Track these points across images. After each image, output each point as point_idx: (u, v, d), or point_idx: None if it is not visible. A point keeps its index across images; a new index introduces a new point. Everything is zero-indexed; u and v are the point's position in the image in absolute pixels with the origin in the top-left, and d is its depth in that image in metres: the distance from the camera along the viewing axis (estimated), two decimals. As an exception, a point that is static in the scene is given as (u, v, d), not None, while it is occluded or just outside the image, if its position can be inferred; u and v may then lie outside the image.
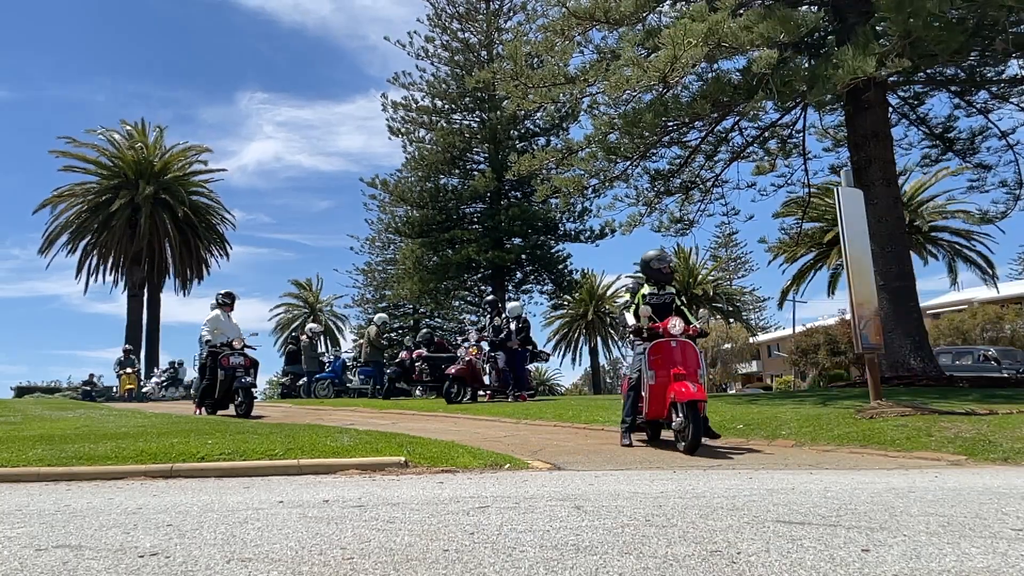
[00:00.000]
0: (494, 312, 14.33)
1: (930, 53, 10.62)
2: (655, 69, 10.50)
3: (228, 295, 11.39)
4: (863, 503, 3.22)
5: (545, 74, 13.20)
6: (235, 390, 10.58)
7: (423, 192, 28.22)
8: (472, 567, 2.09)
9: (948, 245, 27.62)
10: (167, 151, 31.91)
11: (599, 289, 45.74)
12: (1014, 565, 2.05)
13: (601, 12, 12.25)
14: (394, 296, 34.47)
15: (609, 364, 58.60)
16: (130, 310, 31.13)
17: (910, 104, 15.63)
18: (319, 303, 50.83)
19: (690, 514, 2.93)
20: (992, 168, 15.31)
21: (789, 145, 16.18)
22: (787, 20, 10.28)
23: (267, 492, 4.10)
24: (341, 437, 6.45)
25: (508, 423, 9.37)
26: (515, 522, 2.82)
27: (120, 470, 5.17)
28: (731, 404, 10.53)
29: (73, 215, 30.59)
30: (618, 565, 2.08)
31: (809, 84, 10.57)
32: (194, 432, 7.18)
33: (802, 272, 32.01)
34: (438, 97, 28.71)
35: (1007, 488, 3.80)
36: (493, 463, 5.60)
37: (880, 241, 12.22)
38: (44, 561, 2.25)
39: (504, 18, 29.11)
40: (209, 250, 33.12)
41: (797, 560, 2.11)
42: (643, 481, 4.43)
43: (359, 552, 2.31)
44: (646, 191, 15.34)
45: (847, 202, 8.30)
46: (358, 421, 9.48)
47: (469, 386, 13.20)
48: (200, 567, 2.15)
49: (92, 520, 3.10)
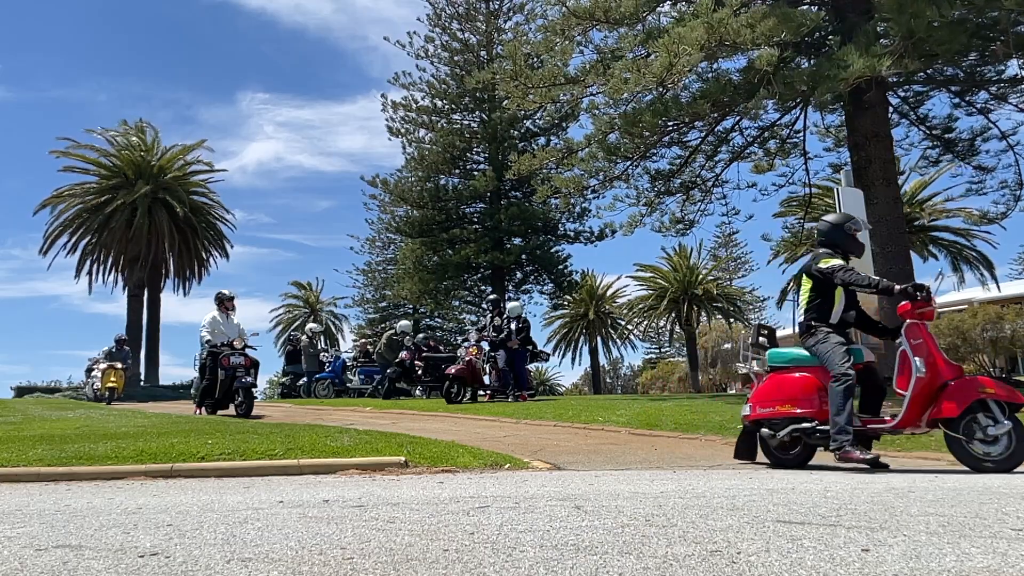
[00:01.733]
0: (495, 312, 14.32)
1: (931, 53, 10.63)
2: (652, 74, 10.53)
3: (225, 295, 11.36)
4: (863, 503, 3.22)
5: (545, 74, 13.22)
6: (235, 390, 10.58)
7: (423, 192, 28.24)
8: (472, 567, 2.09)
9: (948, 245, 27.60)
10: (167, 151, 31.91)
11: (599, 289, 45.74)
12: (1014, 565, 2.05)
13: (601, 12, 12.26)
14: (394, 296, 34.48)
15: (609, 364, 58.65)
16: (130, 310, 31.12)
17: (910, 104, 15.64)
18: (319, 303, 50.84)
19: (690, 514, 2.93)
20: (992, 170, 15.33)
21: (789, 145, 16.19)
22: (789, 19, 10.30)
23: (267, 492, 4.11)
24: (341, 437, 6.45)
25: (508, 423, 9.37)
26: (515, 522, 2.82)
27: (120, 470, 5.17)
28: (731, 404, 10.54)
29: (73, 215, 30.58)
30: (618, 565, 2.08)
31: (811, 84, 10.58)
32: (194, 432, 7.18)
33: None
34: (438, 97, 28.73)
35: (1007, 488, 3.81)
36: (493, 463, 5.60)
37: (880, 241, 12.22)
38: (44, 561, 2.25)
39: (504, 18, 29.13)
40: (209, 250, 33.11)
41: (797, 560, 2.11)
42: (643, 481, 4.43)
43: (359, 552, 2.31)
44: (646, 191, 15.36)
45: (847, 202, 8.31)
46: (358, 421, 9.48)
47: (469, 386, 13.21)
48: (200, 567, 2.15)
49: (92, 520, 3.10)
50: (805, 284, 5.59)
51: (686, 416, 8.81)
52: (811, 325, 5.41)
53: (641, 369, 61.50)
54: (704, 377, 50.14)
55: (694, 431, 7.91)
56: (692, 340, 41.79)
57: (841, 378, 5.06)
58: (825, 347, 5.25)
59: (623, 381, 65.72)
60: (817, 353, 5.32)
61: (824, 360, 5.25)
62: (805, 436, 5.30)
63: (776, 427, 5.41)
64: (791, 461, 5.48)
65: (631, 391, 57.00)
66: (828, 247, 5.58)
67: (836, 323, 5.40)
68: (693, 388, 39.78)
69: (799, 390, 5.32)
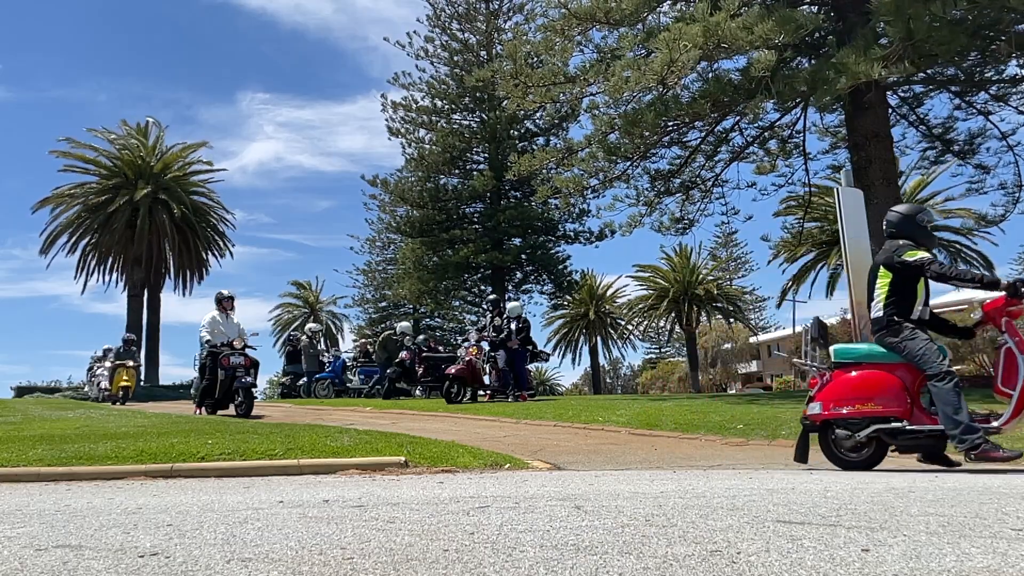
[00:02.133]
0: (495, 312, 14.33)
1: (931, 54, 10.63)
2: (653, 71, 10.53)
3: (225, 295, 11.35)
4: (863, 503, 3.22)
5: (545, 74, 13.22)
6: (235, 390, 10.58)
7: (423, 192, 28.25)
8: (472, 567, 2.09)
9: (948, 244, 27.61)
10: (167, 151, 31.92)
11: (599, 289, 45.76)
12: (1014, 565, 2.05)
13: (601, 12, 12.27)
14: (394, 296, 34.49)
15: (609, 364, 58.66)
16: (130, 310, 31.12)
17: (910, 105, 15.64)
18: (319, 303, 50.85)
19: (690, 514, 2.93)
20: (991, 170, 15.32)
21: (789, 145, 16.19)
22: (787, 21, 10.29)
23: (267, 492, 4.11)
24: (341, 437, 6.45)
25: (508, 423, 9.37)
26: (515, 522, 2.82)
27: (120, 470, 5.17)
28: (731, 404, 10.55)
29: (73, 215, 30.60)
30: (618, 565, 2.08)
31: (810, 86, 10.58)
32: (194, 432, 7.18)
33: (802, 272, 32.03)
34: (438, 97, 28.74)
35: (1007, 488, 3.81)
36: (493, 463, 5.60)
37: (880, 241, 12.20)
38: (44, 561, 2.25)
39: (504, 18, 29.15)
40: (209, 250, 33.12)
41: (797, 560, 2.11)
42: (643, 481, 4.43)
43: (359, 552, 2.31)
44: (646, 191, 15.36)
45: (847, 202, 8.30)
46: (358, 421, 9.48)
47: (469, 386, 13.21)
48: (200, 567, 2.15)
49: (92, 520, 3.10)
50: (883, 277, 5.25)
51: (686, 416, 8.82)
52: (894, 320, 5.09)
53: (641, 369, 61.55)
54: (704, 377, 50.16)
55: (694, 431, 7.91)
56: (692, 340, 41.82)
57: (945, 376, 4.78)
58: (915, 344, 4.97)
59: (623, 381, 65.75)
60: (905, 350, 5.01)
61: (915, 358, 4.95)
62: (889, 437, 5.01)
63: (855, 427, 5.08)
64: (861, 463, 5.16)
65: (631, 391, 57.01)
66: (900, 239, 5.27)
67: (916, 319, 5.11)
68: (693, 388, 39.79)
69: (884, 389, 5.01)
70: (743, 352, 55.58)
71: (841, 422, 5.15)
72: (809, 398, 5.37)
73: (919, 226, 5.29)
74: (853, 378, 5.15)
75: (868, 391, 5.05)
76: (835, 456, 5.27)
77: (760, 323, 59.12)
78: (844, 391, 5.13)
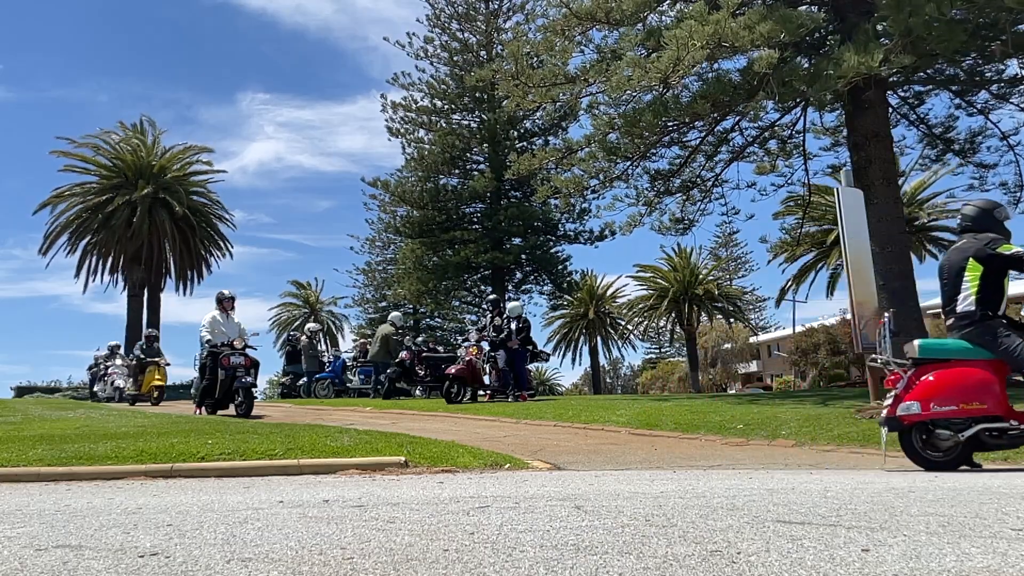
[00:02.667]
0: (495, 311, 14.32)
1: (930, 52, 10.63)
2: (657, 70, 10.51)
3: (225, 295, 11.35)
4: (863, 503, 3.22)
5: (545, 74, 13.21)
6: (235, 390, 10.58)
7: (423, 192, 28.26)
8: (472, 567, 2.09)
9: (948, 244, 27.63)
10: (167, 151, 31.92)
11: (599, 289, 45.76)
12: (1014, 565, 2.05)
13: (602, 12, 12.26)
14: (394, 296, 34.49)
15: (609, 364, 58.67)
16: (130, 310, 31.13)
17: (910, 104, 15.63)
18: (319, 303, 50.84)
19: (690, 514, 2.93)
20: (992, 167, 15.31)
21: (789, 145, 16.17)
22: (788, 20, 10.29)
23: (267, 492, 4.10)
24: (341, 437, 6.45)
25: (508, 423, 9.37)
26: (515, 522, 2.82)
27: (120, 470, 5.18)
28: (731, 404, 10.54)
29: (73, 215, 30.61)
30: (618, 565, 2.08)
31: (810, 83, 10.58)
32: (194, 432, 7.18)
33: (802, 272, 32.04)
34: (437, 97, 28.76)
35: (1007, 488, 3.81)
36: (493, 463, 5.60)
37: (880, 241, 12.21)
38: (44, 561, 2.25)
39: (504, 18, 29.16)
40: (209, 250, 33.14)
41: (797, 560, 2.11)
42: (643, 481, 4.43)
43: (359, 552, 2.31)
44: (646, 191, 15.34)
45: (847, 202, 8.31)
46: (358, 421, 9.48)
47: (469, 386, 13.21)
48: (200, 567, 2.15)
49: (92, 520, 3.10)
50: (973, 271, 5.02)
51: (686, 416, 8.82)
52: (987, 315, 4.91)
53: (641, 369, 61.57)
54: (704, 377, 50.16)
55: (694, 431, 7.91)
56: (692, 340, 41.80)
57: None
58: (1011, 341, 4.83)
59: (623, 381, 65.79)
60: (1001, 347, 4.85)
61: (1013, 355, 4.80)
62: (992, 436, 4.82)
63: (957, 427, 4.85)
64: (948, 464, 4.96)
65: (631, 391, 57.04)
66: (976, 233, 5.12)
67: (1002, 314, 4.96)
68: (693, 388, 39.80)
69: (987, 386, 4.81)
70: (743, 352, 55.60)
71: (942, 422, 4.91)
72: (895, 397, 5.08)
73: (996, 220, 5.16)
74: (953, 375, 4.90)
75: (972, 389, 4.82)
76: (920, 456, 5.05)
77: (760, 323, 59.18)
78: (943, 390, 4.86)
